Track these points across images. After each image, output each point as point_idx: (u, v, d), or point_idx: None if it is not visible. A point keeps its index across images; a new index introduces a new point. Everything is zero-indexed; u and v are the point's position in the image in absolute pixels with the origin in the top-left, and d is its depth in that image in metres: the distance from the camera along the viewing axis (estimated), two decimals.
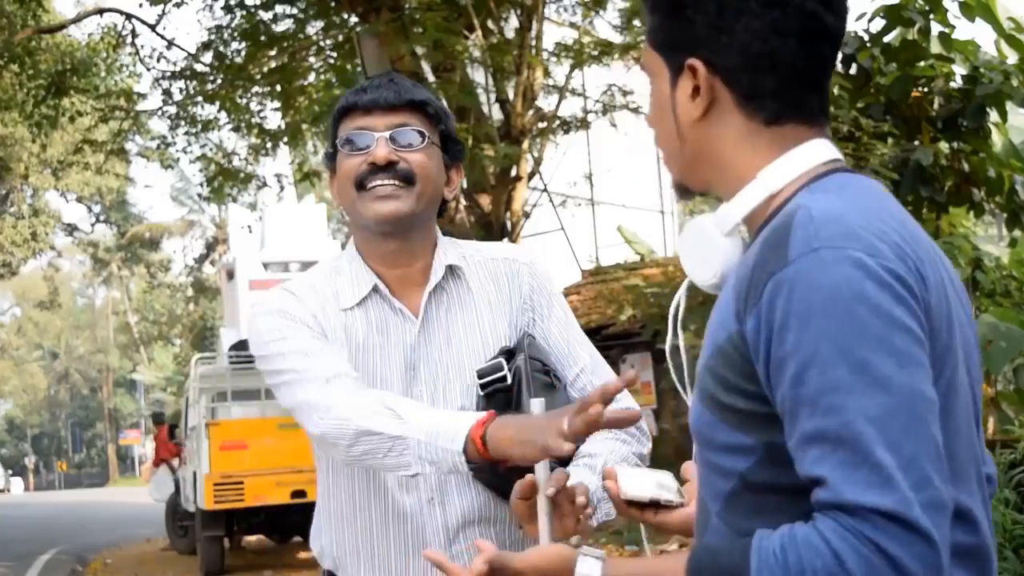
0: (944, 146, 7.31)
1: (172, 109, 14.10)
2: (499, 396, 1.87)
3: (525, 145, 11.83)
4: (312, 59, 13.76)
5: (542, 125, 12.49)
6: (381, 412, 1.75)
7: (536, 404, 1.68)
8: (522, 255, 2.05)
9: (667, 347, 1.44)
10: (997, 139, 7.26)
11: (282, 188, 15.24)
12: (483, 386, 1.88)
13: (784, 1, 1.20)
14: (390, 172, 1.90)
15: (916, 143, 7.25)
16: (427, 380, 1.93)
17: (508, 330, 1.97)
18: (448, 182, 2.01)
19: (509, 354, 1.92)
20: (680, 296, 1.39)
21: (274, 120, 14.32)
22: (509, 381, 1.87)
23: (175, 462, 14.58)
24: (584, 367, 1.99)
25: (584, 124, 13.42)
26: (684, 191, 1.35)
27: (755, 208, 1.23)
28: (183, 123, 14.12)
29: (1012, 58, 7.08)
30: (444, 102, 10.89)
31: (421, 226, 1.96)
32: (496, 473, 1.81)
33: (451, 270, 1.98)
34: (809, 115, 1.24)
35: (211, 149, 15.07)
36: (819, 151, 1.23)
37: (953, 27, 7.06)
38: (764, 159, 1.23)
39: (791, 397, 1.09)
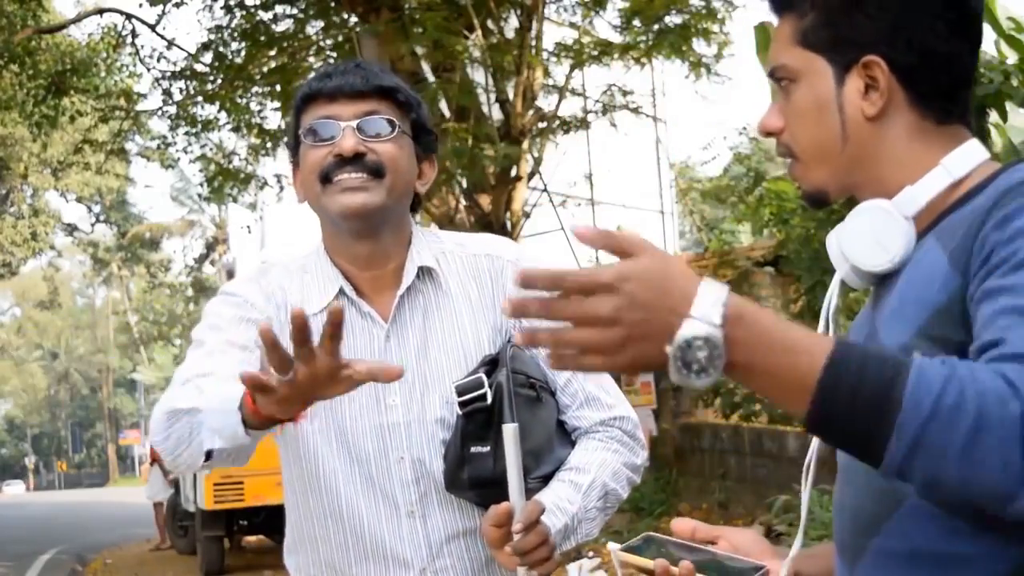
0: None
1: (172, 109, 14.10)
2: (479, 415, 1.75)
3: (525, 145, 11.83)
4: (312, 59, 13.75)
5: (542, 125, 12.49)
6: (186, 389, 1.65)
7: (508, 430, 1.63)
8: (508, 251, 1.90)
9: None
10: (997, 139, 7.26)
11: (282, 188, 15.23)
12: (462, 404, 1.75)
13: (960, 4, 1.23)
14: (358, 164, 1.74)
15: None
16: (401, 390, 1.78)
17: (491, 334, 1.83)
18: (420, 175, 1.86)
19: (492, 364, 1.79)
20: (834, 291, 1.31)
21: (274, 120, 14.32)
22: (489, 400, 1.74)
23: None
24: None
25: (584, 124, 13.42)
26: (821, 199, 1.31)
27: (938, 194, 1.22)
28: (183, 123, 14.12)
29: (1012, 58, 7.08)
30: (444, 101, 10.93)
31: (393, 224, 1.81)
32: (479, 492, 1.75)
33: (425, 271, 1.84)
34: (967, 115, 1.26)
35: (211, 149, 15.07)
36: (982, 148, 1.25)
37: None
38: (937, 156, 1.23)
39: (1000, 280, 1.06)
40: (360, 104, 1.77)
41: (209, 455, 1.60)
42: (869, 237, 1.23)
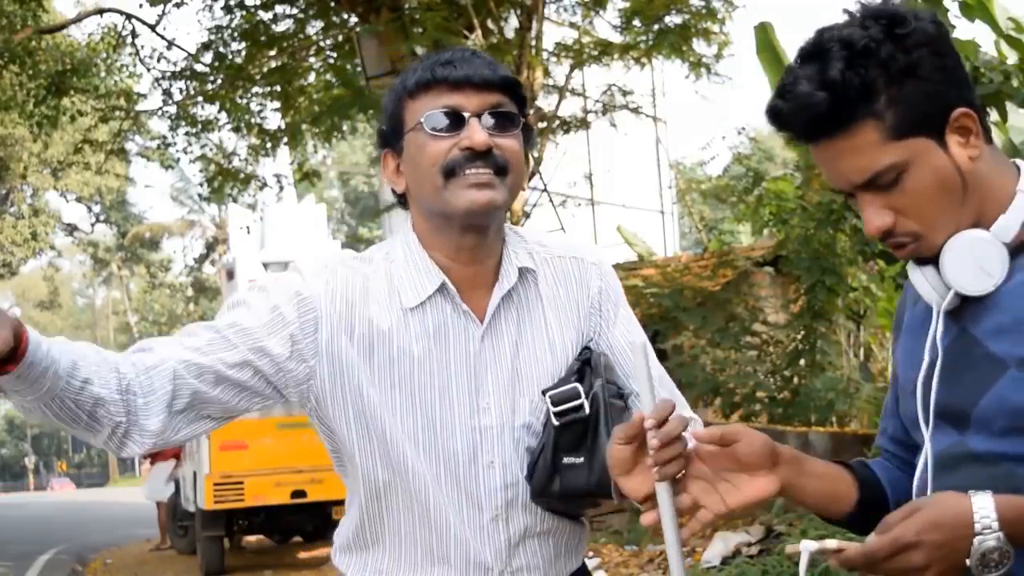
0: None
1: (172, 109, 14.12)
2: (575, 426, 1.71)
3: None
4: (312, 59, 13.76)
5: (542, 125, 12.50)
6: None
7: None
8: (590, 254, 1.87)
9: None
10: (997, 139, 7.26)
11: (282, 188, 15.24)
12: (558, 414, 1.71)
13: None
14: (488, 160, 1.67)
15: None
16: (495, 393, 1.73)
17: (575, 337, 1.80)
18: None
19: (579, 372, 1.76)
20: (938, 326, 1.46)
21: (274, 120, 14.35)
22: (587, 411, 1.71)
23: (167, 463, 14.60)
24: None
25: (584, 124, 13.42)
26: (938, 254, 1.42)
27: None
28: (183, 123, 14.14)
29: (1012, 58, 7.07)
30: None
31: (500, 220, 1.76)
32: (568, 502, 1.75)
33: (522, 272, 1.78)
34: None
35: (211, 149, 15.08)
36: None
37: (953, 27, 7.06)
38: (1005, 172, 1.43)
39: None
40: (487, 96, 1.69)
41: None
42: (972, 265, 1.38)
